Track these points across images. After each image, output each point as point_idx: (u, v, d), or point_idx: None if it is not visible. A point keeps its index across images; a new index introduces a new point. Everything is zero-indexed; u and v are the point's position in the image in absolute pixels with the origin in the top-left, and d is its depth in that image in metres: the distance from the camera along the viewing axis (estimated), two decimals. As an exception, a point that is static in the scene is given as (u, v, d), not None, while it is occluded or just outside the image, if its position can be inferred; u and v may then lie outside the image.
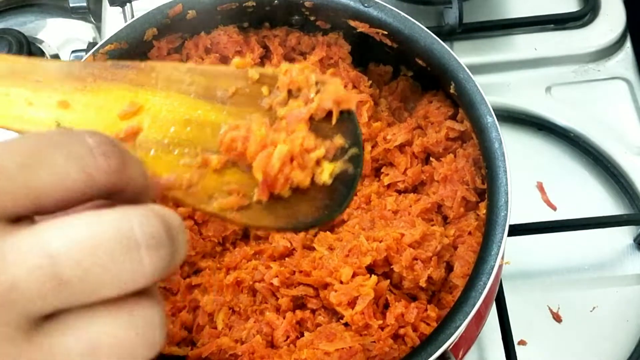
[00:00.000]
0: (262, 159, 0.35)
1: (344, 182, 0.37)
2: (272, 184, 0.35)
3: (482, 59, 0.84)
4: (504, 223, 0.52)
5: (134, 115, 0.36)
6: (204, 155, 0.36)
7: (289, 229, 0.37)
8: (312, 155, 0.36)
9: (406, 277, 0.56)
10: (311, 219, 0.36)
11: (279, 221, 0.36)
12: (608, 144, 0.78)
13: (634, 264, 0.74)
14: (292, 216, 0.36)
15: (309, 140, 0.37)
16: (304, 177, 0.36)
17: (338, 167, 0.37)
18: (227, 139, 0.36)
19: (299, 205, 0.36)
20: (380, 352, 0.52)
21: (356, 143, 0.38)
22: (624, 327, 0.70)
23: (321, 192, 0.36)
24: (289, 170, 0.35)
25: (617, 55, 0.85)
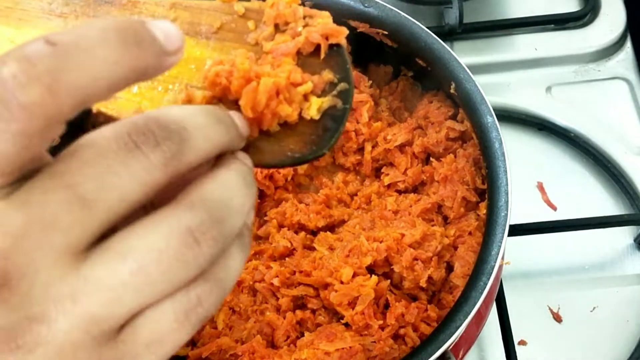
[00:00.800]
0: (248, 93, 0.34)
1: (333, 117, 0.36)
2: (260, 119, 0.34)
3: (483, 59, 0.84)
4: (504, 223, 0.52)
5: None
6: (189, 90, 0.35)
7: (277, 164, 0.36)
8: (299, 89, 0.35)
9: (406, 277, 0.56)
10: (299, 154, 0.35)
11: (267, 157, 0.35)
12: (608, 144, 0.78)
13: (634, 264, 0.74)
14: (280, 152, 0.35)
15: (296, 73, 0.36)
16: (291, 111, 0.35)
17: (326, 102, 0.36)
18: (210, 74, 0.35)
19: (287, 141, 0.35)
20: (380, 352, 0.52)
21: (345, 78, 0.37)
22: (624, 327, 0.70)
23: (310, 128, 0.36)
24: (276, 104, 0.34)
25: (618, 55, 0.85)
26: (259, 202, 0.63)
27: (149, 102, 0.35)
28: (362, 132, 0.63)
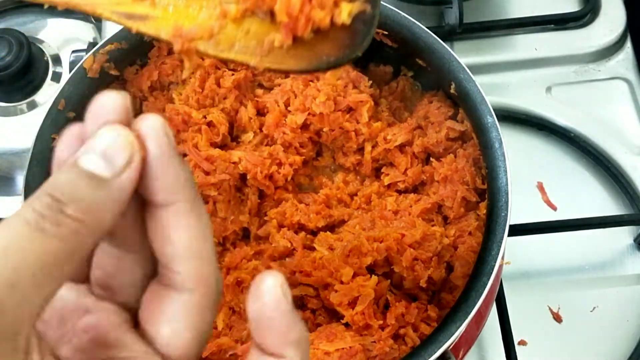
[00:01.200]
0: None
1: (363, 21, 0.37)
2: (294, 25, 0.35)
3: (483, 59, 0.84)
4: (504, 223, 0.52)
5: None
6: (222, 6, 0.36)
7: (312, 69, 0.37)
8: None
9: (406, 278, 0.56)
10: (334, 58, 0.36)
11: (302, 63, 0.36)
12: (608, 144, 0.78)
13: (634, 264, 0.74)
14: (314, 57, 0.36)
15: None
16: (324, 15, 0.36)
17: (356, 7, 0.37)
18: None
19: (320, 46, 0.36)
20: (380, 352, 0.52)
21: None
22: (624, 327, 0.70)
23: (342, 32, 0.37)
24: (309, 9, 0.35)
25: (618, 56, 0.85)
26: (259, 202, 0.63)
27: (185, 20, 0.36)
28: (362, 132, 0.63)
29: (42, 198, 0.25)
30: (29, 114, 0.79)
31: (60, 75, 0.81)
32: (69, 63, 0.79)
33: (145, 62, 0.66)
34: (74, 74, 0.61)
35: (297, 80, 0.63)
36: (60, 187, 0.25)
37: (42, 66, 0.80)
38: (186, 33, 0.35)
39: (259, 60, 0.36)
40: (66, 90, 0.60)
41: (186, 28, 0.35)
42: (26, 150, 0.58)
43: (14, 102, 0.78)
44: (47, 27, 0.86)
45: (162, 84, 0.66)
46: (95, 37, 0.87)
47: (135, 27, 0.36)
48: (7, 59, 0.73)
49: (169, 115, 0.63)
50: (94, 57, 0.61)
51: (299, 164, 0.63)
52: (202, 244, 0.27)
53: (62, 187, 0.25)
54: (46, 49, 0.82)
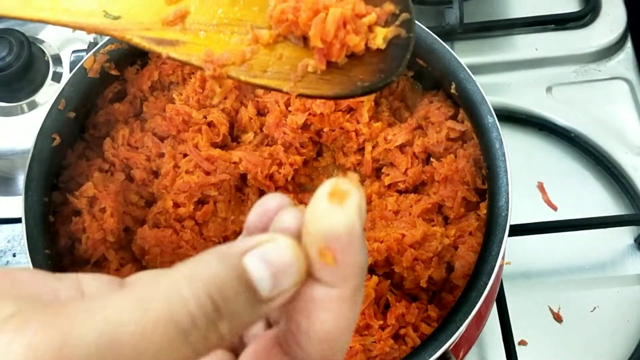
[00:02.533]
0: (317, 24, 0.34)
1: (398, 46, 0.37)
2: (329, 50, 0.35)
3: (483, 59, 0.84)
4: (505, 223, 0.52)
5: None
6: (254, 31, 0.36)
7: (346, 95, 0.36)
8: (364, 20, 0.36)
9: (407, 278, 0.56)
10: (369, 83, 0.36)
11: (336, 88, 0.36)
12: (609, 144, 0.78)
13: (634, 264, 0.74)
14: (348, 82, 0.36)
15: (360, 5, 0.36)
16: (358, 40, 0.35)
17: (391, 32, 0.36)
18: (276, 12, 0.36)
19: (355, 72, 0.36)
20: (380, 352, 0.52)
21: (406, 8, 0.37)
22: (624, 327, 0.70)
23: (376, 58, 0.36)
24: (344, 34, 0.35)
25: (618, 56, 0.85)
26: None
27: (216, 45, 0.36)
28: (362, 132, 0.63)
29: (201, 297, 0.22)
30: (29, 114, 0.78)
31: (61, 75, 0.81)
32: (70, 63, 0.79)
33: (145, 62, 0.66)
34: (75, 74, 0.61)
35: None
36: (222, 289, 0.22)
37: (43, 66, 0.80)
38: (217, 59, 0.35)
39: (293, 86, 0.35)
40: (67, 90, 0.60)
41: (217, 53, 0.35)
42: (27, 150, 0.58)
43: (15, 102, 0.78)
44: (48, 27, 0.86)
45: (163, 84, 0.66)
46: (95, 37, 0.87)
47: (166, 52, 0.36)
48: (8, 59, 0.73)
49: (169, 115, 0.63)
50: (95, 57, 0.61)
51: (300, 164, 0.63)
52: (341, 335, 0.25)
53: (223, 291, 0.22)
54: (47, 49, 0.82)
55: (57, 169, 0.61)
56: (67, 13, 0.36)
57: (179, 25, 0.36)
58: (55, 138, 0.59)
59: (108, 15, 0.36)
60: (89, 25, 0.36)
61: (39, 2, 0.36)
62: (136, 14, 0.36)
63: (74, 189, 0.60)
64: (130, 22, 0.36)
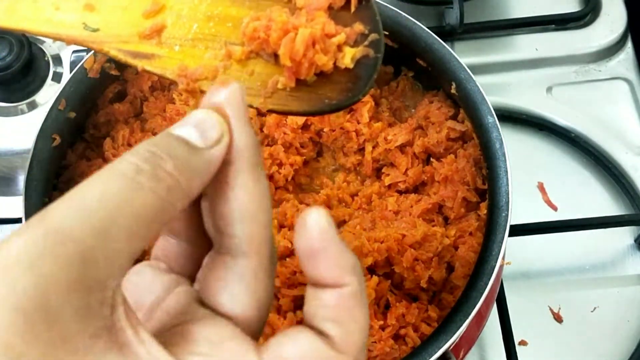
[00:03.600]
0: (287, 43, 0.35)
1: (365, 66, 0.37)
2: (298, 69, 0.36)
3: (483, 59, 0.84)
4: (505, 223, 0.52)
5: (158, 13, 0.37)
6: (228, 47, 0.37)
7: (314, 112, 0.37)
8: (333, 40, 0.37)
9: (407, 278, 0.56)
10: (336, 101, 0.37)
11: (305, 105, 0.37)
12: (609, 144, 0.78)
13: (634, 265, 0.74)
14: (317, 100, 0.37)
15: (330, 25, 0.37)
16: (327, 60, 0.36)
17: (359, 52, 0.37)
18: (249, 30, 0.36)
19: (323, 90, 0.37)
20: (381, 352, 0.52)
21: (376, 29, 0.38)
22: (624, 327, 0.70)
23: (344, 76, 0.37)
24: (313, 54, 0.36)
25: (618, 56, 0.85)
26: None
27: (191, 60, 0.37)
28: (362, 132, 0.63)
29: (140, 152, 0.25)
30: (29, 114, 0.78)
31: (61, 76, 0.81)
32: (70, 63, 0.79)
33: (145, 62, 0.66)
34: (75, 74, 0.61)
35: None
36: (158, 144, 0.26)
37: (43, 66, 0.80)
38: (191, 73, 0.36)
39: (263, 102, 0.36)
40: (67, 91, 0.60)
41: (191, 68, 0.36)
42: (27, 150, 0.58)
43: (15, 102, 0.78)
44: (48, 27, 0.86)
45: (163, 84, 0.66)
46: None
47: (141, 65, 0.36)
48: (8, 59, 0.73)
49: (170, 116, 0.63)
50: (95, 57, 0.61)
51: (300, 164, 0.63)
52: (258, 206, 0.27)
53: (159, 145, 0.26)
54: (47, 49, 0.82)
55: (57, 169, 0.61)
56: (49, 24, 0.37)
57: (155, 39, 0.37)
58: (56, 138, 0.59)
59: (87, 28, 0.37)
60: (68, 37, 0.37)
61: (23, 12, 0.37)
62: (114, 27, 0.37)
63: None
64: (108, 34, 0.37)
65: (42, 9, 0.37)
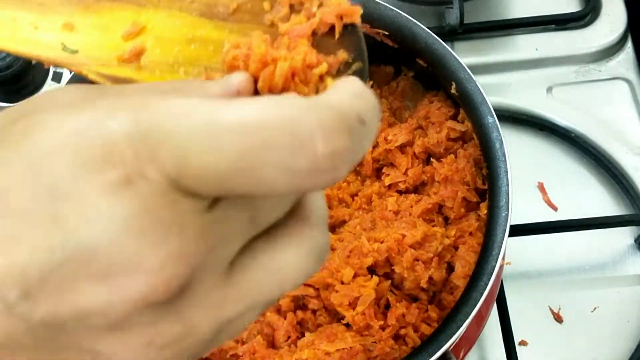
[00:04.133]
0: (265, 76, 0.34)
1: None
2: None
3: (483, 59, 0.84)
4: (505, 223, 0.52)
5: (137, 35, 0.36)
6: (208, 73, 0.36)
7: None
8: (314, 71, 0.36)
9: (407, 278, 0.56)
10: None
11: None
12: (609, 144, 0.78)
13: (635, 265, 0.74)
14: None
15: (311, 56, 0.36)
16: (307, 92, 0.35)
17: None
18: (228, 58, 0.35)
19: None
20: (381, 352, 0.52)
21: (360, 56, 0.37)
22: (625, 327, 0.70)
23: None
24: (293, 86, 0.35)
25: (619, 56, 0.85)
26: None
27: None
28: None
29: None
30: (29, 114, 0.78)
31: (61, 76, 0.81)
32: (70, 63, 0.79)
33: (145, 62, 0.66)
34: (75, 75, 0.61)
35: (297, 80, 0.63)
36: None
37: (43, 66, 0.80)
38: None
39: None
40: (67, 91, 0.60)
41: None
42: (27, 150, 0.57)
43: (15, 102, 0.78)
44: (48, 27, 0.86)
45: (163, 84, 0.66)
46: (95, 37, 0.87)
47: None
48: (8, 59, 0.73)
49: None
50: (95, 57, 0.61)
51: (300, 164, 0.63)
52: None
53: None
54: (47, 49, 0.82)
55: (58, 169, 0.61)
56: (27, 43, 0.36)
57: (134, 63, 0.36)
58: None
59: (66, 49, 0.36)
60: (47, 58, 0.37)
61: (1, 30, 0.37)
62: (93, 49, 0.37)
63: (74, 189, 0.60)
64: (87, 56, 0.37)
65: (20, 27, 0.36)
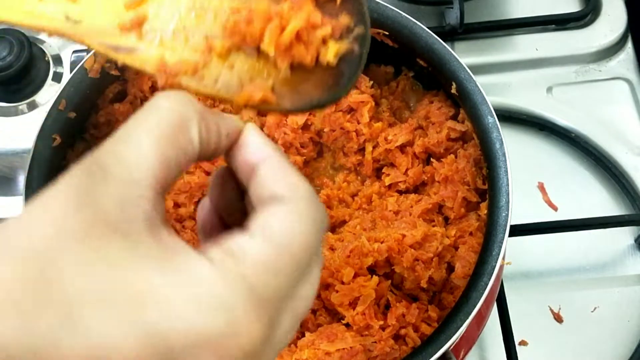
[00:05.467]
0: (272, 30, 0.34)
1: (349, 62, 0.36)
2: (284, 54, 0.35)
3: (483, 59, 0.84)
4: (505, 223, 0.52)
5: (139, 4, 0.36)
6: (209, 40, 0.36)
7: (295, 109, 0.36)
8: (317, 32, 0.36)
9: (407, 278, 0.56)
10: (317, 99, 0.36)
11: (286, 103, 0.35)
12: (609, 144, 0.78)
13: (635, 265, 0.74)
14: (297, 97, 0.36)
15: (315, 15, 0.36)
16: (309, 54, 0.35)
17: (343, 47, 0.36)
18: (229, 24, 0.36)
19: (305, 87, 0.36)
20: (381, 352, 0.52)
21: (362, 21, 0.37)
22: (625, 327, 0.70)
23: (326, 73, 0.36)
24: (295, 47, 0.35)
25: (619, 56, 0.85)
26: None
27: (171, 52, 0.36)
28: (363, 132, 0.63)
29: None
30: (29, 114, 0.78)
31: (61, 76, 0.81)
32: (70, 63, 0.79)
33: (146, 62, 0.66)
34: (75, 74, 0.61)
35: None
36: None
37: (43, 66, 0.80)
38: (170, 68, 0.35)
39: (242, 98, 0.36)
40: (67, 91, 0.60)
41: (171, 63, 0.35)
42: (27, 150, 0.58)
43: (15, 102, 0.78)
44: (48, 27, 0.86)
45: (163, 84, 0.66)
46: (96, 37, 0.86)
47: (121, 59, 0.36)
48: (8, 59, 0.73)
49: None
50: (95, 57, 0.61)
51: (300, 164, 0.63)
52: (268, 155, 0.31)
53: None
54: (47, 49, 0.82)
55: (58, 169, 0.61)
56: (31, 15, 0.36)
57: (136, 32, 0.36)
58: (56, 138, 0.59)
59: (69, 20, 0.36)
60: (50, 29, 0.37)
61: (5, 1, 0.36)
62: (95, 19, 0.37)
63: (75, 189, 0.60)
64: (90, 27, 0.37)
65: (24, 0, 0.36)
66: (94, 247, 0.23)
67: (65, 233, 0.23)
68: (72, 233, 0.23)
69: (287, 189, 0.29)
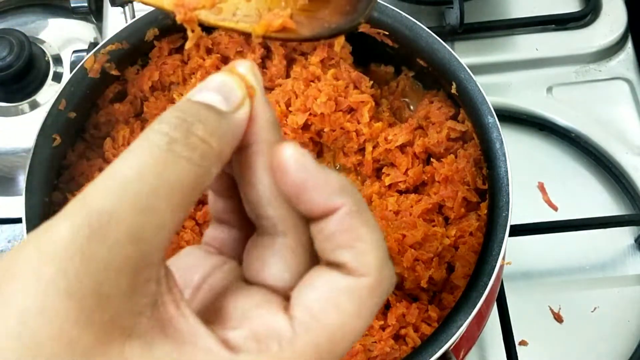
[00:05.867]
0: None
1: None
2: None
3: (483, 59, 0.84)
4: (505, 223, 0.52)
5: None
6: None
7: (313, 37, 0.36)
8: None
9: (407, 278, 0.56)
10: (335, 25, 0.36)
11: (305, 30, 0.35)
12: (609, 144, 0.78)
13: (635, 265, 0.74)
14: (315, 24, 0.36)
15: None
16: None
17: None
18: None
19: (321, 13, 0.36)
20: (381, 352, 0.52)
21: None
22: (625, 327, 0.70)
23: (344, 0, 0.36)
24: None
25: (619, 56, 0.85)
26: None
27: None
28: (362, 132, 0.63)
29: (169, 120, 0.24)
30: (30, 114, 0.79)
31: (61, 76, 0.81)
32: (70, 63, 0.79)
33: (146, 62, 0.66)
34: (75, 74, 0.61)
35: (298, 80, 0.63)
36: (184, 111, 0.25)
37: (43, 66, 0.80)
38: (188, 2, 0.35)
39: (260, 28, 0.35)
40: (67, 90, 0.60)
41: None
42: (27, 150, 0.58)
43: (15, 102, 0.79)
44: (48, 27, 0.86)
45: (163, 84, 0.66)
46: (96, 37, 0.87)
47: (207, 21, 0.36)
48: (8, 59, 0.73)
49: (170, 116, 0.63)
50: (95, 57, 0.61)
51: (300, 164, 0.63)
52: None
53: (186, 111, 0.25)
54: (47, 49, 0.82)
55: (58, 169, 0.61)
56: None
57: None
58: (56, 138, 0.59)
59: None
60: None
61: None
62: None
63: (75, 189, 0.60)
64: None
65: None
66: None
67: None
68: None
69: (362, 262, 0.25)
